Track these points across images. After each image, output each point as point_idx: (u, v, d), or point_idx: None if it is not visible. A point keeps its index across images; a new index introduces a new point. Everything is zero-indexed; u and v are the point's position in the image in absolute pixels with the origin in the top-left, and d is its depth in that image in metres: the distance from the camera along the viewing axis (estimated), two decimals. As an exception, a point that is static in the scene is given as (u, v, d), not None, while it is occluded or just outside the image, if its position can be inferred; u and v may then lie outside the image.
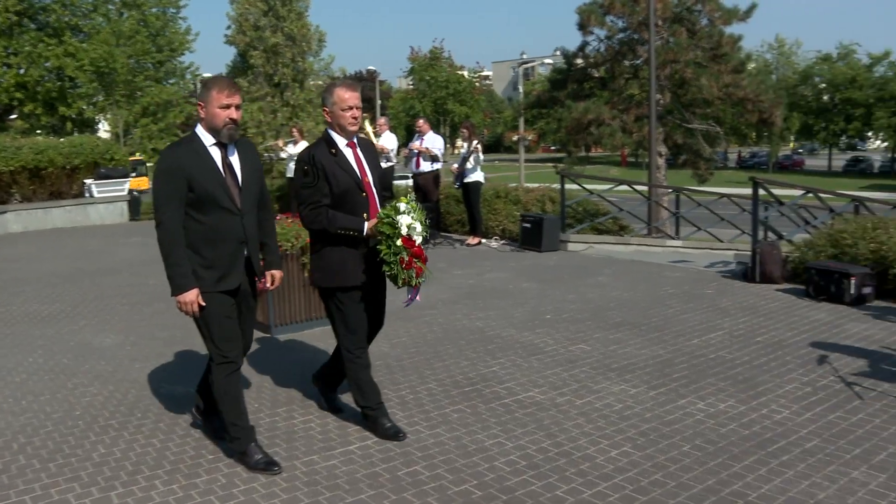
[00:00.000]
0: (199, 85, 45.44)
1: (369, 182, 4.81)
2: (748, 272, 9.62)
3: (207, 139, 4.30)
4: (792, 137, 72.77)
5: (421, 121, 13.81)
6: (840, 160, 74.29)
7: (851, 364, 6.13)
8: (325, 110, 4.79)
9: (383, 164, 13.23)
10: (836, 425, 4.96)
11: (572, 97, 30.32)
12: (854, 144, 76.17)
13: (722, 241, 14.17)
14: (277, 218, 7.92)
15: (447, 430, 4.93)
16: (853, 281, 8.18)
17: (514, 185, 16.42)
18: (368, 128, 13.48)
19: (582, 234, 13.14)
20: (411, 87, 70.91)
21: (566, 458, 4.51)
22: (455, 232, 14.42)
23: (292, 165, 13.37)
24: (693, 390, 5.60)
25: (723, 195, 16.01)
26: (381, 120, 14.21)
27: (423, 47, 74.50)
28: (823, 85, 68.51)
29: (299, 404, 5.47)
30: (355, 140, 4.81)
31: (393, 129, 15.34)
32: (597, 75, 31.64)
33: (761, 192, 10.86)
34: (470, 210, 13.17)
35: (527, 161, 52.11)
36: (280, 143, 14.00)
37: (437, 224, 13.05)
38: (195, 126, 4.37)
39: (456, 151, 12.00)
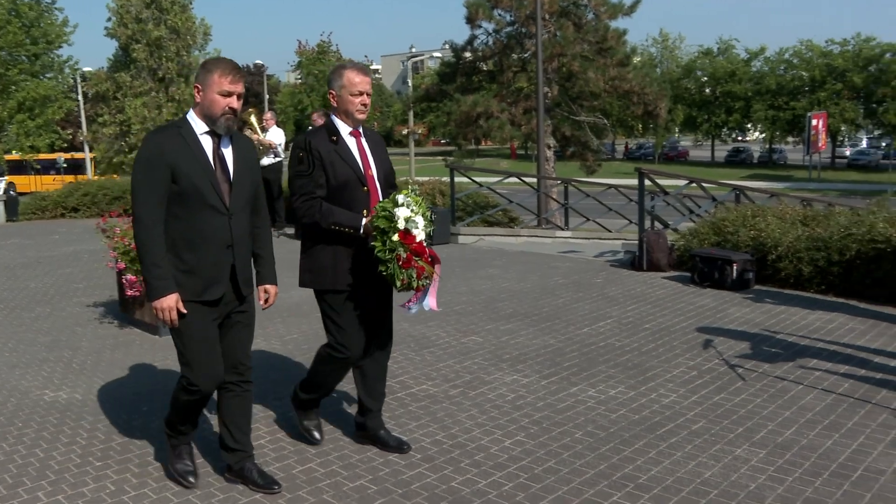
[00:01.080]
0: (76, 80, 43.89)
1: (373, 176, 4.35)
2: (636, 261, 9.85)
3: (199, 126, 3.81)
4: (677, 129, 75.01)
5: (268, 114, 13.90)
6: (722, 151, 77.01)
7: (734, 347, 6.34)
8: (331, 93, 4.32)
9: (270, 160, 13.07)
10: (720, 406, 5.12)
11: (461, 90, 30.54)
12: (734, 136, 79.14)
13: (610, 231, 14.51)
14: (114, 215, 7.69)
15: (341, 427, 4.87)
16: (735, 267, 8.47)
17: (404, 178, 16.41)
18: (254, 122, 13.26)
19: (472, 226, 13.23)
20: (299, 81, 70.03)
21: (460, 450, 4.51)
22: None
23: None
24: (584, 378, 5.69)
25: (610, 186, 16.40)
26: (268, 115, 13.98)
27: (311, 41, 73.81)
28: (705, 78, 70.85)
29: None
30: (360, 129, 4.37)
31: (281, 124, 15.11)
32: (485, 69, 31.97)
33: (647, 182, 11.14)
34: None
35: (417, 155, 52.21)
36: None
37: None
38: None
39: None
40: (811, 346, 6.38)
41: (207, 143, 3.81)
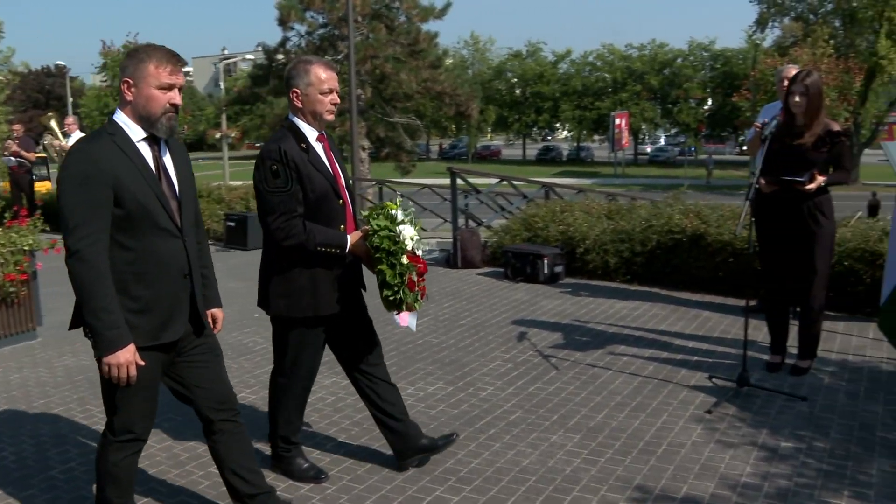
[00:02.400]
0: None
1: (343, 186, 3.95)
2: (450, 258, 10.03)
3: (135, 132, 3.13)
4: (489, 129, 76.97)
5: (70, 119, 13.20)
6: (533, 150, 79.62)
7: (548, 338, 6.56)
8: (294, 92, 3.81)
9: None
10: (535, 396, 5.29)
11: (275, 93, 30.09)
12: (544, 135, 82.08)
13: (426, 231, 14.62)
14: (9, 224, 7.02)
15: (156, 442, 4.67)
16: (546, 261, 8.78)
17: (217, 183, 15.99)
18: (54, 126, 12.53)
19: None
20: (105, 83, 66.85)
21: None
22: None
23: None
24: (403, 376, 5.73)
25: (424, 186, 16.59)
26: (70, 119, 13.24)
27: (116, 41, 70.53)
28: (515, 80, 73.05)
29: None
30: (325, 133, 3.94)
31: (87, 129, 14.34)
32: (299, 71, 31.60)
33: (459, 181, 11.36)
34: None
35: (231, 159, 50.93)
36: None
37: None
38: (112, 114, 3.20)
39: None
40: (619, 333, 6.70)
41: (146, 151, 3.16)
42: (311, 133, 3.85)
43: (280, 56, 31.17)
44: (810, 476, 4.15)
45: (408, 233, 3.75)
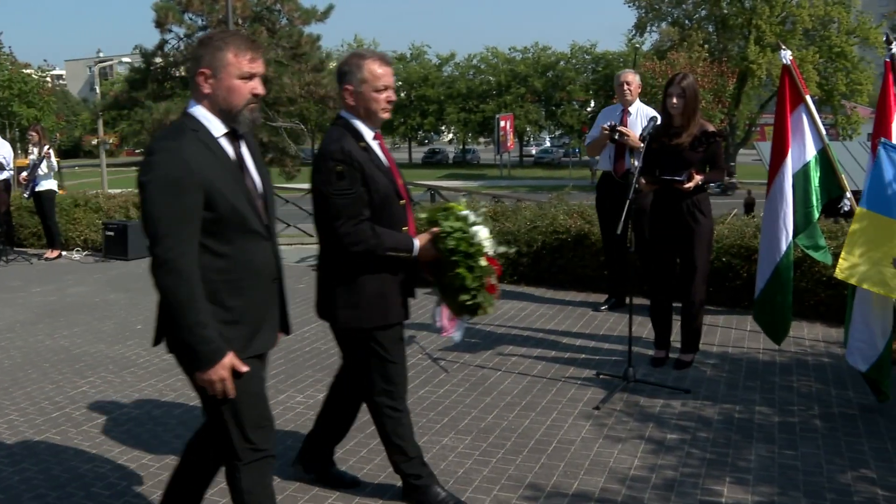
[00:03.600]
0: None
1: (403, 185, 3.73)
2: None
3: (216, 127, 2.91)
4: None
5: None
6: (419, 152, 79.88)
7: (436, 341, 6.56)
8: (346, 89, 3.57)
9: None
10: (425, 399, 5.28)
11: (153, 97, 29.33)
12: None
13: (312, 236, 14.49)
14: None
15: (34, 464, 4.44)
16: (434, 263, 8.77)
17: (94, 191, 15.39)
18: None
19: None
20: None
21: (168, 472, 4.27)
22: (31, 246, 13.18)
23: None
24: (291, 384, 5.64)
25: (310, 191, 16.38)
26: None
27: (-21, 43, 67.31)
28: (400, 83, 73.11)
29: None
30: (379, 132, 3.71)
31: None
32: (178, 74, 30.88)
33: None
34: (45, 221, 12.09)
35: (110, 166, 49.28)
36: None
37: (9, 238, 11.87)
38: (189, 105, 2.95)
39: (30, 158, 10.88)
40: (507, 334, 6.77)
41: (228, 148, 2.94)
42: (367, 132, 3.61)
43: (158, 59, 30.39)
44: (694, 465, 4.28)
45: (483, 234, 3.58)
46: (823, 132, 5.58)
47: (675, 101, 5.49)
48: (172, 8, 28.50)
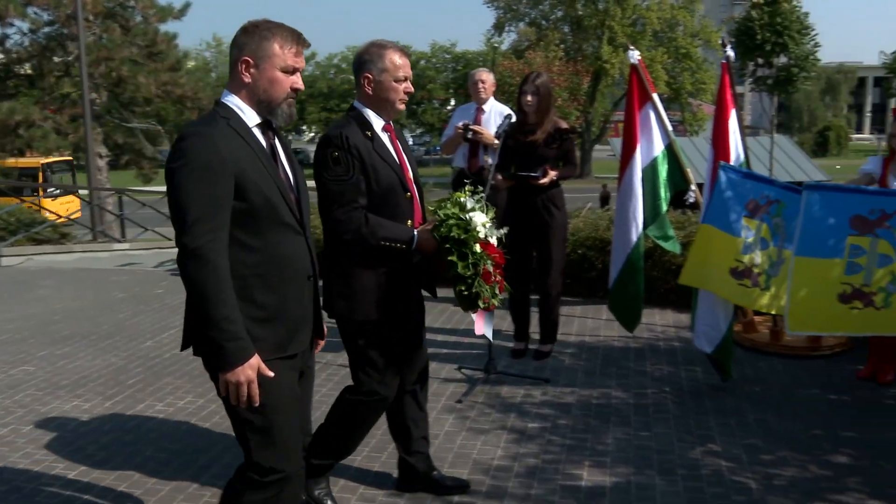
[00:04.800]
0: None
1: (411, 178, 3.62)
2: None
3: (250, 117, 2.77)
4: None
5: None
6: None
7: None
8: (366, 77, 3.48)
9: None
10: (290, 402, 5.22)
11: (-6, 94, 27.75)
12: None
13: (170, 240, 14.14)
14: None
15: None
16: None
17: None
18: None
19: (17, 245, 12.12)
20: None
21: (17, 494, 4.07)
22: None
23: None
24: (151, 393, 5.47)
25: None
26: None
27: None
28: (258, 82, 71.96)
29: None
30: (391, 123, 3.61)
31: None
32: (23, 72, 29.35)
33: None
34: None
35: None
36: None
37: None
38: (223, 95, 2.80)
39: None
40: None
41: (261, 138, 2.79)
42: (377, 121, 3.53)
43: (0, 56, 28.80)
44: (555, 452, 4.41)
45: (479, 219, 3.44)
46: (670, 128, 5.82)
47: (529, 99, 5.63)
48: (13, 1, 27.02)
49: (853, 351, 6.00)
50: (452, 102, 66.99)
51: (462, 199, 3.51)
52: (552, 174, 5.60)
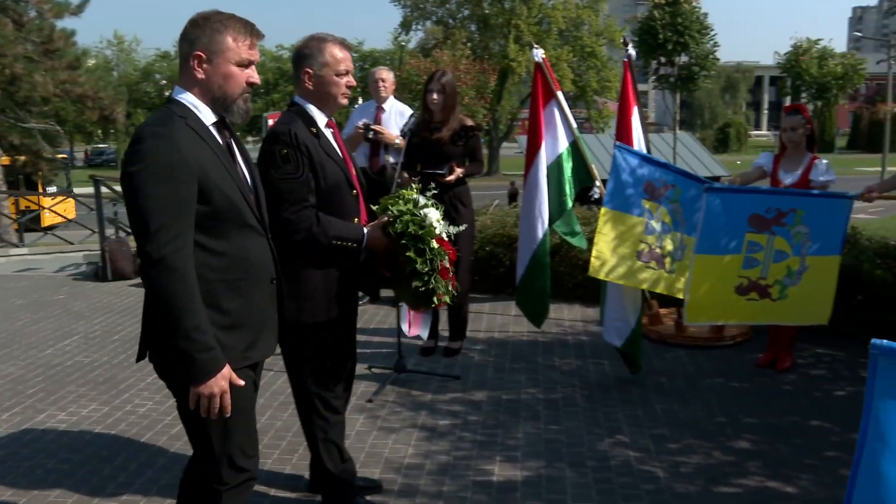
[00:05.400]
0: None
1: (356, 175, 3.53)
2: (99, 271, 9.47)
3: (207, 115, 2.63)
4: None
5: None
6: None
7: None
8: (306, 72, 3.39)
9: None
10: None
11: None
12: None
13: (72, 244, 13.75)
14: None
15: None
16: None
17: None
18: None
19: None
20: None
21: None
22: None
23: None
24: (52, 402, 5.30)
25: (68, 196, 15.52)
26: None
27: None
28: (164, 81, 70.33)
29: None
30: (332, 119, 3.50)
31: None
32: None
33: (105, 189, 10.76)
34: None
35: None
36: None
37: None
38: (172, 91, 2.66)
39: None
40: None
41: (218, 138, 2.66)
42: (320, 117, 3.46)
43: None
44: (466, 448, 4.44)
45: (433, 216, 3.41)
46: (574, 125, 5.91)
47: (435, 97, 5.65)
48: None
49: (752, 340, 6.21)
50: (360, 101, 66.63)
51: (415, 196, 3.48)
52: (458, 171, 5.64)
